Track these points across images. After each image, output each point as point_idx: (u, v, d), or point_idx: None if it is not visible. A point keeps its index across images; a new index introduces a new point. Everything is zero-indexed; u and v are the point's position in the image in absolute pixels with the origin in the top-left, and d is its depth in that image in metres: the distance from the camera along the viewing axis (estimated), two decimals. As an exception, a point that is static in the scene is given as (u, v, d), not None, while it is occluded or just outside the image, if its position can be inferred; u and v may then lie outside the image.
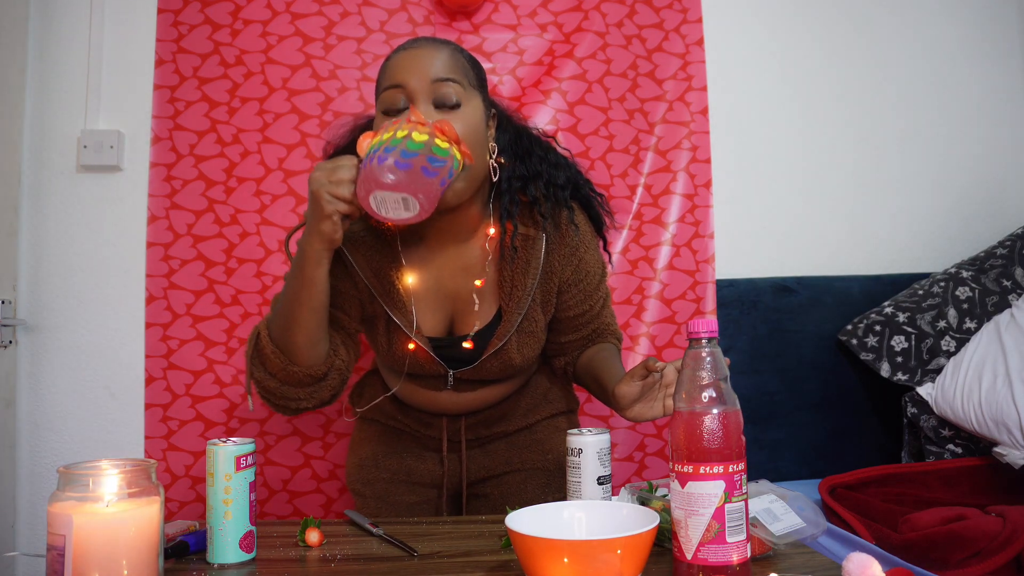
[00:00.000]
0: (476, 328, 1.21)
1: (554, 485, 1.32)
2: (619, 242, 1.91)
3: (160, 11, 1.82)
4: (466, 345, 1.20)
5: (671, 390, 1.03)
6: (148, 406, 1.76)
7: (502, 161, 1.17)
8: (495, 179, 1.16)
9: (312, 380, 1.10)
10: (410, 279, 1.19)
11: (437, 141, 0.97)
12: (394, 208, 0.97)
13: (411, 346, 1.20)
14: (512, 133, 1.23)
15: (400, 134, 0.95)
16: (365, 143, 0.98)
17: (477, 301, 1.20)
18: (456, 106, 1.08)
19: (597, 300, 1.29)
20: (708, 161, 1.96)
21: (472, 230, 1.19)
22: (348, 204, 0.99)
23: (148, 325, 1.77)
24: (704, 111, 1.97)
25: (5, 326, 1.73)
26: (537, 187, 1.19)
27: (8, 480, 1.72)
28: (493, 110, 1.20)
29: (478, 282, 1.20)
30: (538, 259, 1.19)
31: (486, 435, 1.34)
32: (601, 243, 1.31)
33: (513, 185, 1.18)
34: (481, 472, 1.35)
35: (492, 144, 1.16)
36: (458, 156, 1.00)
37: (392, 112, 1.08)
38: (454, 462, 1.34)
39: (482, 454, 1.35)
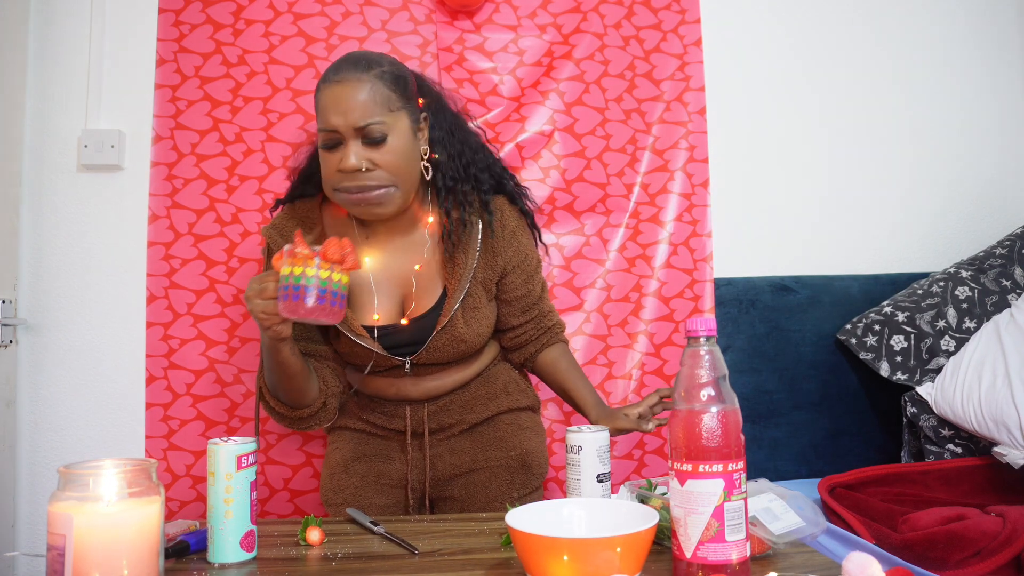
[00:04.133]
0: (414, 306, 1.32)
1: (518, 481, 1.38)
2: (616, 240, 1.91)
3: (161, 11, 1.83)
4: (403, 322, 1.30)
5: (649, 427, 1.27)
6: (149, 406, 1.76)
7: (435, 157, 1.31)
8: (428, 177, 1.30)
9: (315, 412, 1.30)
10: (368, 260, 1.31)
11: (329, 275, 1.08)
12: (311, 320, 1.11)
13: (376, 316, 1.31)
14: (445, 131, 1.34)
15: (298, 271, 1.08)
16: (279, 263, 1.09)
17: (416, 283, 1.32)
18: (382, 141, 1.22)
19: (537, 283, 1.43)
20: (705, 160, 1.96)
21: (414, 221, 1.34)
22: (280, 317, 1.11)
23: (149, 325, 1.77)
24: (702, 111, 1.97)
25: (5, 326, 1.73)
26: (464, 190, 1.33)
27: (8, 480, 1.72)
28: (424, 112, 1.31)
29: (417, 266, 1.32)
30: (476, 240, 1.33)
31: (449, 424, 1.38)
32: (535, 235, 1.45)
33: (447, 184, 1.32)
34: (447, 470, 1.38)
35: (424, 147, 1.30)
36: (344, 279, 1.10)
37: (330, 148, 1.23)
38: (419, 459, 1.37)
39: (448, 451, 1.39)
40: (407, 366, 1.32)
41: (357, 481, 1.37)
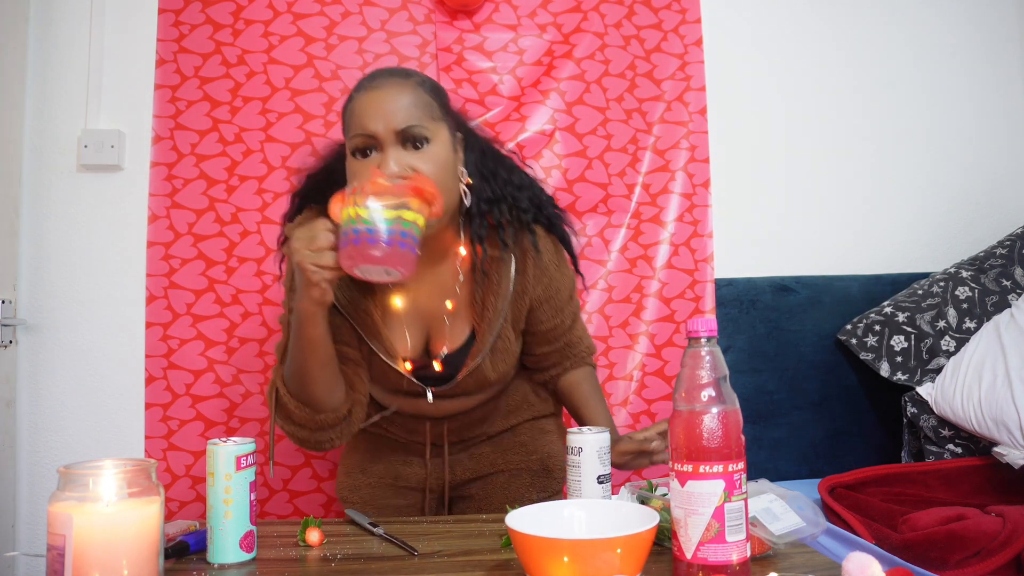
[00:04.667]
0: (447, 349, 1.22)
1: (538, 485, 1.34)
2: (617, 240, 1.91)
3: (161, 11, 1.83)
4: (436, 368, 1.21)
5: (658, 457, 1.15)
6: (148, 406, 1.76)
7: (470, 183, 1.18)
8: (467, 203, 1.17)
9: (339, 420, 1.15)
10: (398, 301, 1.20)
11: (404, 214, 0.97)
12: (376, 274, 0.99)
13: (408, 365, 1.22)
14: (477, 152, 1.23)
15: (363, 212, 0.95)
16: (336, 208, 0.98)
17: (448, 323, 1.22)
18: (422, 147, 1.09)
19: (568, 315, 1.31)
20: (706, 161, 1.96)
21: (445, 251, 1.21)
22: (333, 270, 1.00)
23: (148, 325, 1.77)
24: (702, 111, 1.97)
25: (5, 326, 1.73)
26: (501, 211, 1.20)
27: (8, 480, 1.72)
28: (459, 132, 1.20)
29: (449, 304, 1.21)
30: (508, 280, 1.21)
31: (469, 437, 1.35)
32: (571, 262, 1.32)
33: (482, 208, 1.19)
34: (466, 474, 1.36)
35: (461, 168, 1.17)
36: (421, 222, 0.99)
37: (362, 155, 1.09)
38: (438, 465, 1.35)
39: (467, 457, 1.36)
40: (429, 397, 1.25)
41: (374, 481, 1.35)
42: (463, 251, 1.20)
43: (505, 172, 1.24)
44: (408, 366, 1.22)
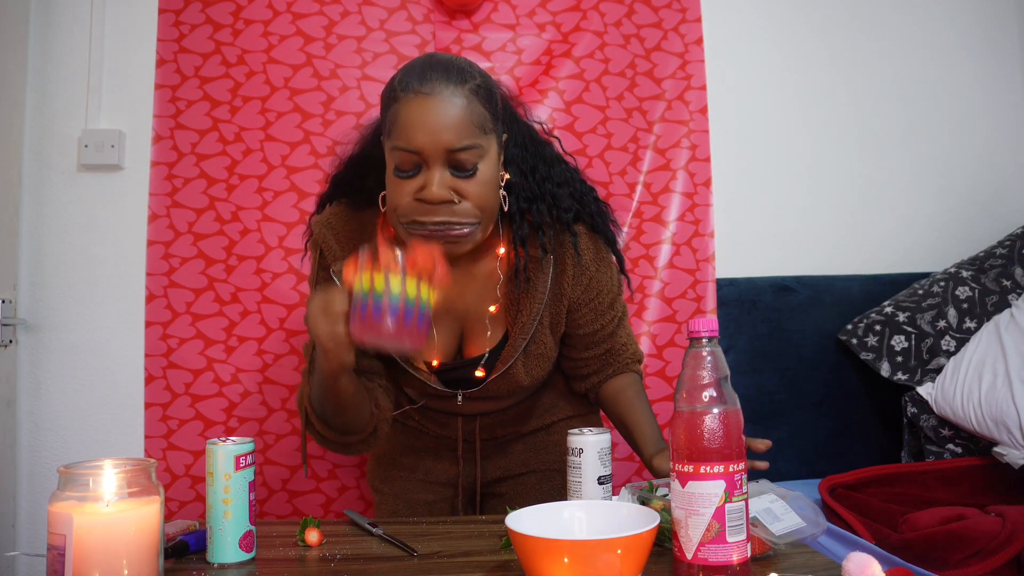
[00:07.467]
0: (486, 351, 1.20)
1: None
2: (619, 240, 1.90)
3: (161, 11, 1.82)
4: (478, 373, 1.21)
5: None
6: (148, 405, 1.76)
7: (508, 178, 1.14)
8: (506, 208, 1.14)
9: (364, 438, 1.17)
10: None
11: (411, 291, 0.95)
12: (389, 346, 0.99)
13: (435, 363, 1.21)
14: (519, 148, 1.18)
15: (379, 286, 0.94)
16: (350, 273, 0.96)
17: (490, 328, 1.20)
18: (474, 170, 1.06)
19: (611, 318, 1.27)
20: (708, 160, 1.96)
21: (484, 252, 1.19)
22: (348, 342, 0.98)
23: (148, 324, 1.77)
24: (703, 110, 1.97)
25: (5, 326, 1.73)
26: (540, 210, 1.17)
27: (8, 480, 1.72)
28: (505, 134, 1.15)
29: (492, 308, 1.19)
30: (545, 283, 1.18)
31: (502, 435, 1.34)
32: (616, 261, 1.28)
33: (521, 207, 1.16)
34: (498, 472, 1.35)
35: (504, 176, 1.14)
36: (427, 295, 0.97)
37: (406, 171, 1.05)
38: (469, 462, 1.34)
39: (499, 454, 1.35)
40: (459, 399, 1.24)
41: (405, 475, 1.35)
42: (502, 250, 1.18)
43: (545, 167, 1.20)
44: (434, 363, 1.21)
